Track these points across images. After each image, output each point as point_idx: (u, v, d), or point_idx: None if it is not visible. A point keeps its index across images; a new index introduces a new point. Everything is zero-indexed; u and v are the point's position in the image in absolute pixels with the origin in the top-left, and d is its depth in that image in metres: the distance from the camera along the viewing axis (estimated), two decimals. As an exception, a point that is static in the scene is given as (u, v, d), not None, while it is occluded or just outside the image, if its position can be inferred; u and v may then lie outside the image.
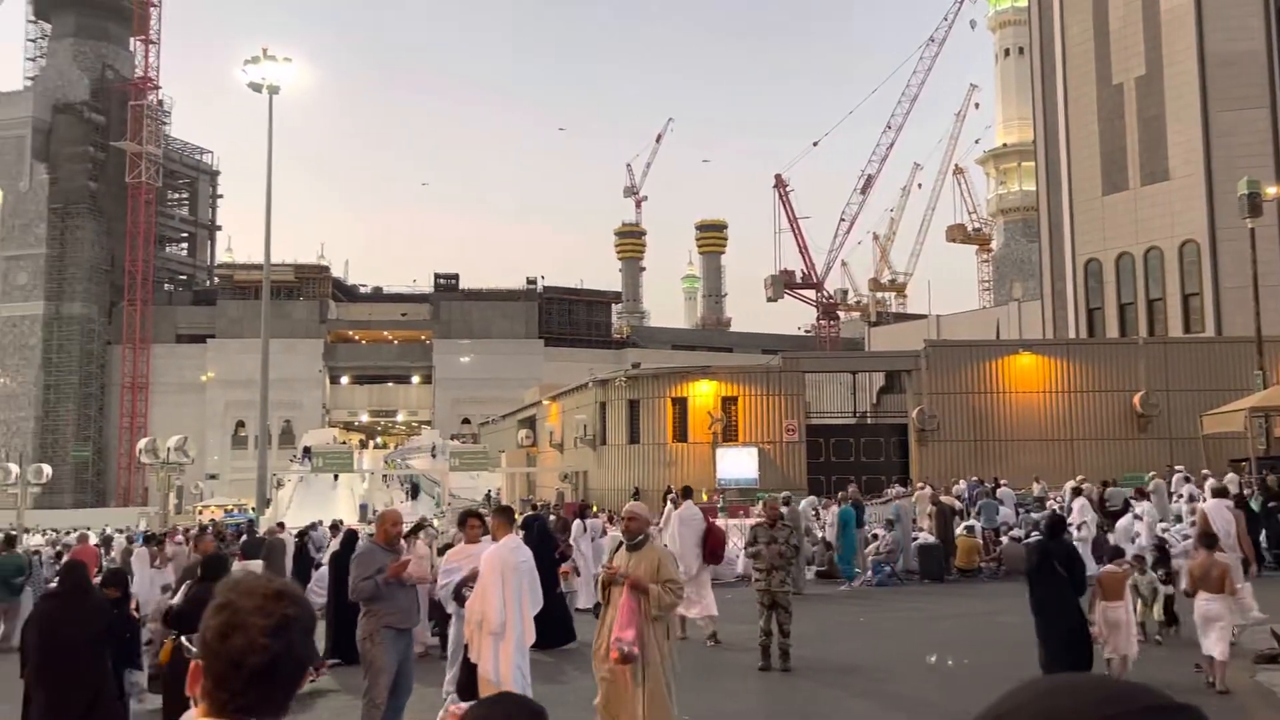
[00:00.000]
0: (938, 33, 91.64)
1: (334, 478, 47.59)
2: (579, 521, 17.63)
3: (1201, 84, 42.69)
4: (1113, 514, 21.55)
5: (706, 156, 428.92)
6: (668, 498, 19.68)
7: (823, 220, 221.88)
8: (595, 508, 26.74)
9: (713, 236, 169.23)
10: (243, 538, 21.27)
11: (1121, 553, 11.59)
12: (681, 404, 35.67)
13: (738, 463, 34.03)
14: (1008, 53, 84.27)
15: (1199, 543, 10.77)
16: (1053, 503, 24.29)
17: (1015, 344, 39.65)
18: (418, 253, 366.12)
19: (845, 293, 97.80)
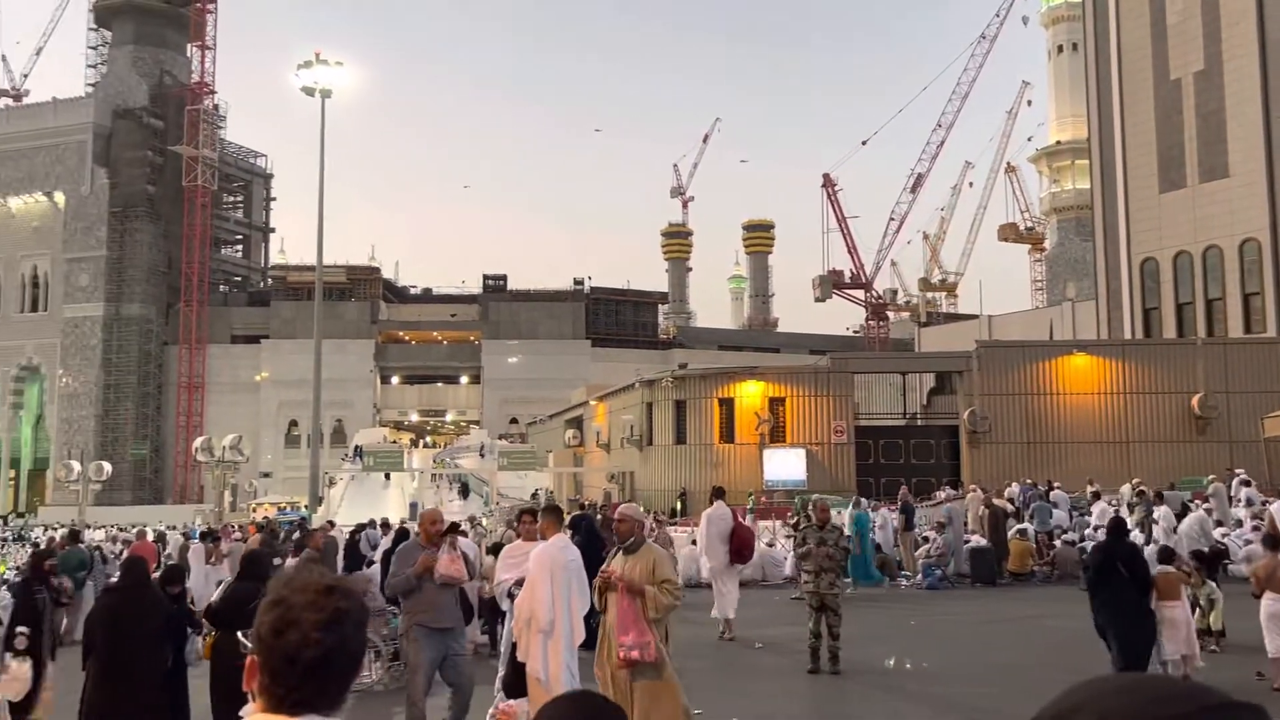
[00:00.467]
0: (989, 30, 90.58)
1: (385, 476, 48.14)
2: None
3: (1263, 78, 41.73)
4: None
5: (748, 158, 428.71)
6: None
7: (872, 220, 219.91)
8: (642, 508, 26.68)
9: (760, 236, 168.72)
10: (295, 535, 21.59)
11: (1173, 555, 11.48)
12: (728, 405, 35.54)
13: (785, 464, 33.82)
14: (1061, 49, 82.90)
15: (1266, 544, 10.65)
16: (1109, 506, 23.86)
17: (1069, 344, 39.02)
18: (465, 254, 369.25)
19: (895, 293, 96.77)
